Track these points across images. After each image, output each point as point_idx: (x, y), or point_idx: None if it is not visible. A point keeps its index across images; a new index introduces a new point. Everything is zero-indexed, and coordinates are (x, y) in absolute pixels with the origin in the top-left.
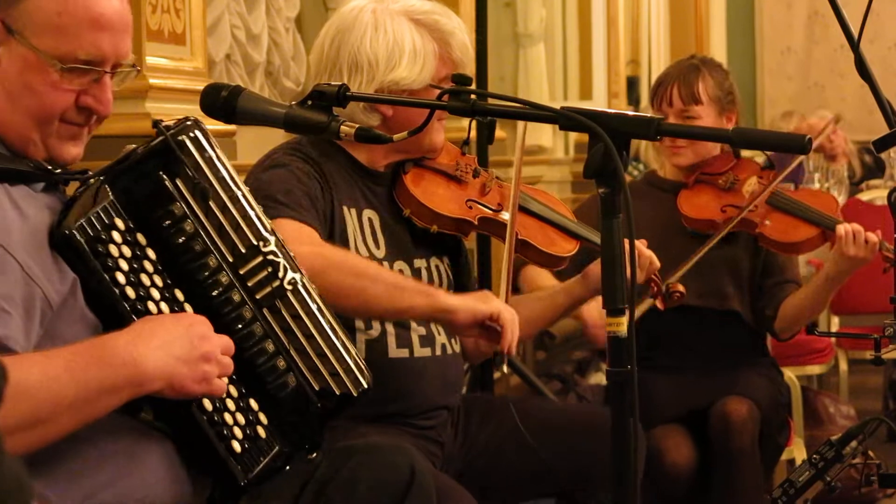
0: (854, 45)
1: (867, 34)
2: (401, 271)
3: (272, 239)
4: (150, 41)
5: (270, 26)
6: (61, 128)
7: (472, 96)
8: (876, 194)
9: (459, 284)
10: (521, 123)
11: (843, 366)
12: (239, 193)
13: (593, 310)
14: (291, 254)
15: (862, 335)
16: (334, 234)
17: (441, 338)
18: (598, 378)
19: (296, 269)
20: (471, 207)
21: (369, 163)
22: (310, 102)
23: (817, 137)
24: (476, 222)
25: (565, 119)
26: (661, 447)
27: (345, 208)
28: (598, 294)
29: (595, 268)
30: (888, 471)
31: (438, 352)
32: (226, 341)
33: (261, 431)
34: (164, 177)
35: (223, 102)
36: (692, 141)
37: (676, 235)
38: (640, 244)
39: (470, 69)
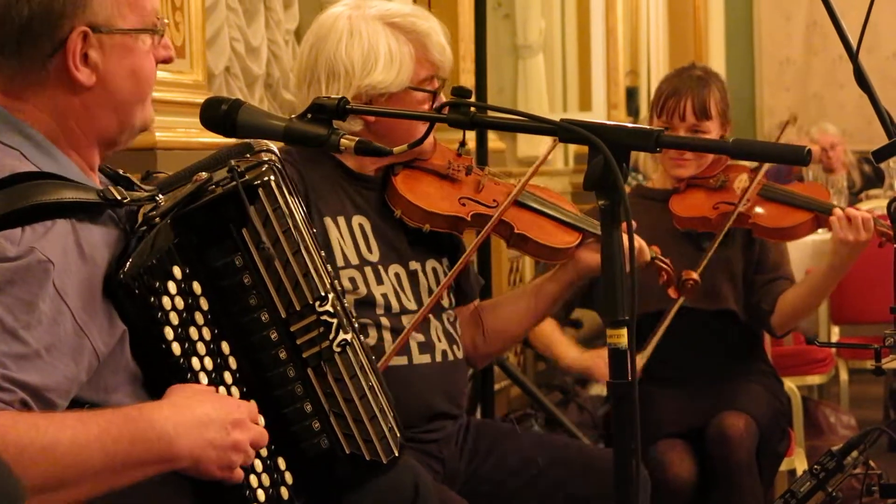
0: (853, 55)
1: (865, 44)
2: (397, 275)
3: (330, 296)
4: None
5: (270, 39)
6: None
7: (472, 109)
8: (875, 204)
9: (459, 285)
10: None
11: (844, 376)
12: (302, 246)
13: (569, 353)
14: (348, 311)
15: (862, 345)
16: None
17: (441, 344)
18: (599, 389)
19: (347, 330)
20: (464, 204)
21: (359, 168)
22: (309, 116)
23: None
24: (469, 218)
25: (565, 131)
26: (663, 461)
27: (328, 220)
28: (588, 276)
29: (584, 252)
30: (889, 481)
31: (439, 358)
32: (259, 433)
33: (284, 493)
34: (231, 226)
35: (223, 116)
36: (699, 153)
37: (672, 241)
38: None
39: (449, 69)
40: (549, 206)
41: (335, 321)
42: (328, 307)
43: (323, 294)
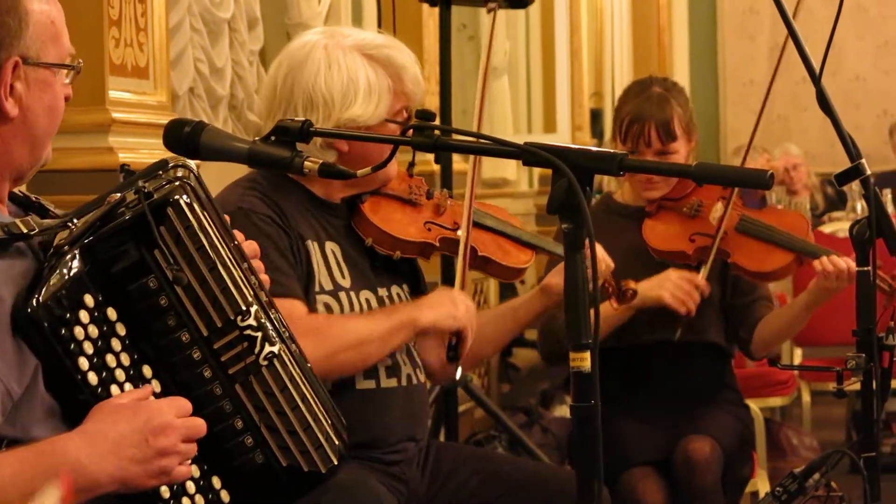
0: (815, 79)
1: (829, 66)
2: (367, 300)
3: (253, 310)
4: (113, 75)
5: (234, 60)
6: None
7: (436, 132)
8: (838, 226)
9: None
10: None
11: (806, 397)
12: (219, 262)
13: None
14: (276, 322)
15: (824, 368)
16: (302, 271)
17: (406, 367)
18: (563, 411)
19: (274, 342)
20: (429, 229)
21: (326, 196)
22: (273, 138)
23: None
24: (437, 243)
25: (528, 154)
26: (635, 490)
27: (309, 242)
28: (560, 304)
29: (553, 278)
30: (851, 503)
31: (404, 382)
32: (190, 426)
33: None
34: (142, 250)
35: (186, 138)
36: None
37: (644, 264)
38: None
39: (422, 101)
40: (503, 225)
41: (259, 334)
42: (251, 321)
43: (244, 308)
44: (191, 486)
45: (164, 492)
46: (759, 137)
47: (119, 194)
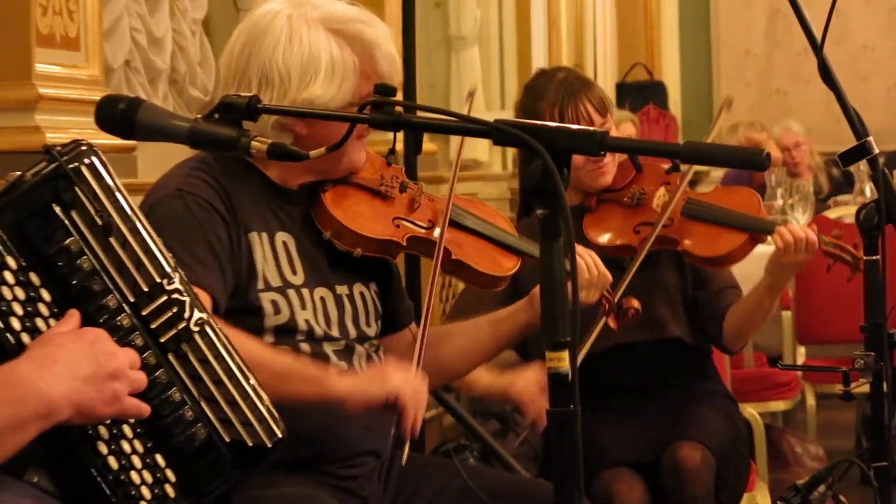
0: (817, 48)
1: (833, 35)
2: (322, 299)
3: (177, 276)
4: (39, 47)
5: (175, 29)
6: None
7: (398, 108)
8: (844, 211)
9: (389, 312)
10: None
11: (811, 401)
12: (139, 225)
13: (522, 382)
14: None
15: (830, 368)
16: (241, 266)
17: (360, 348)
18: None
19: (202, 308)
20: (398, 226)
21: (282, 180)
22: (217, 116)
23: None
24: (405, 243)
25: (500, 133)
26: (611, 490)
27: (254, 235)
28: None
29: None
30: None
31: None
32: (132, 355)
33: (169, 490)
34: (58, 209)
35: (121, 116)
36: (614, 157)
37: None
38: (590, 255)
39: (397, 80)
40: (485, 227)
41: (188, 299)
42: (177, 285)
43: (169, 272)
44: (136, 461)
45: (113, 462)
46: (756, 113)
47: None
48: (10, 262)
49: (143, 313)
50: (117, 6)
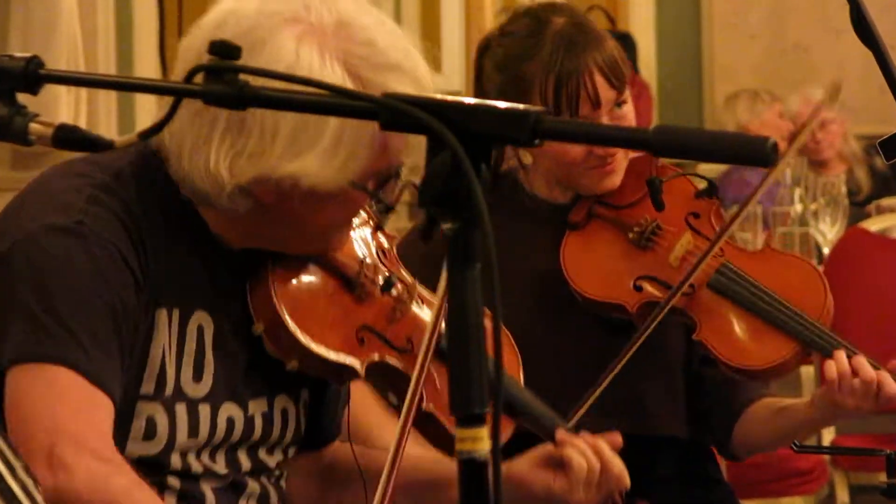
0: None
1: None
2: (229, 420)
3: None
4: None
5: None
6: None
7: (241, 76)
8: (891, 222)
9: (315, 426)
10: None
11: (843, 496)
12: None
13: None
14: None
15: (868, 450)
16: (135, 351)
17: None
18: None
19: None
20: (362, 341)
21: (220, 233)
22: None
23: (793, 140)
24: (362, 372)
25: (389, 112)
26: None
27: (162, 313)
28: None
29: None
30: None
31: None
32: None
33: None
34: None
35: None
36: (626, 151)
37: (558, 306)
38: (597, 446)
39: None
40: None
41: None
42: None
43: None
44: None
45: None
46: (767, 78)
47: None
48: None
49: None
50: None
